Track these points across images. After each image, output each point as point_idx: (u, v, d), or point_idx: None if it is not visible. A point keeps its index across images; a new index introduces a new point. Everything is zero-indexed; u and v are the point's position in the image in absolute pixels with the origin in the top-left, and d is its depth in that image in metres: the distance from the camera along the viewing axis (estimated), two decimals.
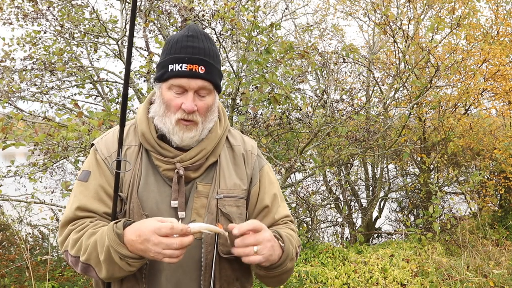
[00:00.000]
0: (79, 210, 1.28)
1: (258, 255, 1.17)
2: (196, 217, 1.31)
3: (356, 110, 4.86)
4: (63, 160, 4.70)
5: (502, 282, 4.15)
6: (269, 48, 3.86)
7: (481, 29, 6.80)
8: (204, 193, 1.34)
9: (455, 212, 7.02)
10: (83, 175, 1.33)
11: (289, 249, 1.28)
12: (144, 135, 1.34)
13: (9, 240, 4.96)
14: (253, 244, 1.17)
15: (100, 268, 1.20)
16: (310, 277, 4.33)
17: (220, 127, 1.40)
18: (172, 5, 4.39)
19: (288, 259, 1.28)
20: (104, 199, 1.30)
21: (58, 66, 4.69)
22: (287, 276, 1.34)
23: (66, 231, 1.28)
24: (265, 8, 7.13)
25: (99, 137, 1.42)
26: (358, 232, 6.52)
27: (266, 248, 1.19)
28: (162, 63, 1.31)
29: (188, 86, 1.27)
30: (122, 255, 1.15)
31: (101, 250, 1.18)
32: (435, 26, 5.41)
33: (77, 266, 1.24)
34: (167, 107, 1.29)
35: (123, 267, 1.17)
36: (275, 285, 1.39)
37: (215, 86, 1.33)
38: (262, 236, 1.19)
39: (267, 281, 1.35)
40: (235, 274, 1.36)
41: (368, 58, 6.90)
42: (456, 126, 6.87)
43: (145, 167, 1.34)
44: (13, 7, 5.26)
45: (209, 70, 1.29)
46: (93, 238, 1.21)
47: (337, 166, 7.25)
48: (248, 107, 4.08)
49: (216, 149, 1.38)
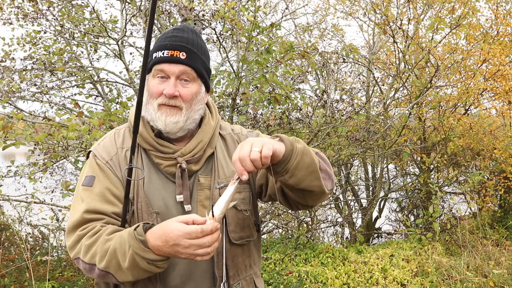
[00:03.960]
0: (87, 213, 1.26)
1: (265, 146, 1.13)
2: (201, 209, 1.32)
3: (356, 110, 4.86)
4: (63, 160, 4.70)
5: (502, 282, 4.15)
6: (269, 48, 3.86)
7: (481, 29, 6.80)
8: (206, 185, 1.36)
9: (455, 212, 7.03)
10: (87, 181, 1.32)
11: (287, 138, 1.22)
12: (141, 135, 1.34)
13: (9, 240, 4.96)
14: (249, 149, 1.13)
15: (122, 274, 1.18)
16: (310, 277, 4.33)
17: (212, 119, 1.43)
18: (172, 5, 4.39)
19: (295, 143, 1.21)
20: (111, 200, 1.30)
21: (58, 66, 4.69)
22: (316, 173, 1.23)
23: (75, 236, 1.25)
24: (265, 8, 7.14)
25: (96, 144, 1.41)
26: (358, 232, 6.52)
27: (262, 141, 1.15)
28: (151, 52, 1.35)
29: (169, 71, 1.30)
30: (151, 260, 1.14)
31: (123, 258, 1.16)
32: (435, 25, 5.41)
33: (92, 272, 1.22)
34: (150, 94, 1.32)
35: (150, 271, 1.17)
36: (316, 183, 1.25)
37: (198, 74, 1.34)
38: (248, 141, 1.17)
39: (301, 181, 1.22)
40: (247, 261, 1.37)
41: (368, 58, 6.90)
42: (456, 126, 6.87)
43: (147, 166, 1.34)
44: (13, 7, 5.26)
45: (190, 57, 1.31)
46: (111, 246, 1.18)
47: (337, 166, 7.25)
48: (248, 107, 4.08)
49: (212, 140, 1.40)
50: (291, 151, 1.19)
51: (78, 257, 1.23)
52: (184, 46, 1.31)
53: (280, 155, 1.18)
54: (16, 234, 4.84)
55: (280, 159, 1.18)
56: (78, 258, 1.23)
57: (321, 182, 1.26)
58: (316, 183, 1.25)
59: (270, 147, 1.14)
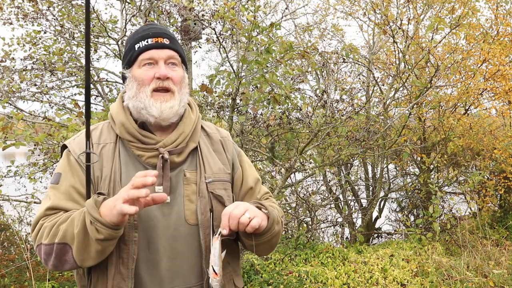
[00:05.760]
0: (50, 210, 1.27)
1: (255, 218, 1.21)
2: (188, 203, 1.33)
3: (356, 110, 4.86)
4: None
5: (502, 282, 4.15)
6: (269, 48, 3.86)
7: (481, 29, 6.80)
8: (193, 180, 1.36)
9: (455, 212, 7.02)
10: (55, 178, 1.32)
11: (273, 213, 1.32)
12: (123, 125, 1.34)
13: (9, 240, 4.96)
14: (242, 212, 1.21)
15: (77, 245, 1.17)
16: (310, 277, 4.33)
17: (192, 113, 1.44)
18: (172, 5, 4.39)
19: (275, 223, 1.32)
20: (76, 199, 1.29)
21: (58, 66, 4.69)
22: (276, 240, 1.39)
23: (38, 225, 1.26)
24: (265, 8, 7.14)
25: (70, 138, 1.41)
26: (358, 232, 6.52)
27: (255, 212, 1.24)
28: (128, 49, 1.37)
29: (158, 56, 1.33)
30: (94, 218, 1.13)
31: (77, 223, 1.17)
32: (435, 25, 5.41)
33: (51, 255, 1.21)
34: (140, 82, 1.32)
35: (92, 234, 1.15)
36: (267, 252, 1.44)
37: (182, 59, 1.38)
38: (243, 204, 1.25)
39: (259, 250, 1.38)
40: (227, 258, 1.37)
41: (368, 58, 6.90)
42: (456, 126, 6.87)
43: (124, 161, 1.33)
44: (13, 7, 5.26)
45: (173, 42, 1.37)
46: (70, 217, 1.20)
47: (337, 166, 7.25)
48: (248, 107, 4.08)
49: (194, 134, 1.41)
50: (269, 230, 1.30)
51: (40, 242, 1.23)
52: (165, 33, 1.36)
53: (260, 230, 1.27)
54: (16, 234, 4.83)
55: (258, 231, 1.27)
56: (40, 244, 1.23)
57: (269, 252, 1.44)
58: (265, 253, 1.45)
59: (259, 221, 1.23)
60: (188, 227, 1.32)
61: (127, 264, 1.25)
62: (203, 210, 1.33)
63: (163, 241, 1.29)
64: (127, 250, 1.25)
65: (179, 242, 1.30)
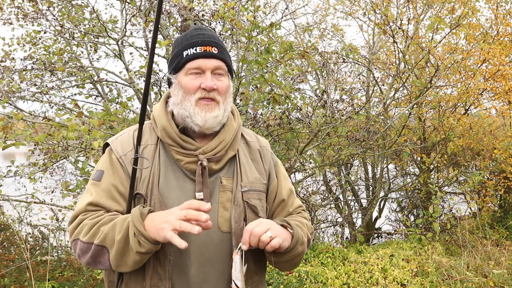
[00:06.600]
0: (91, 205, 1.28)
1: (276, 238, 1.20)
2: (222, 210, 1.33)
3: (356, 110, 4.86)
4: (63, 160, 4.70)
5: (502, 282, 4.15)
6: (269, 48, 3.86)
7: (481, 29, 6.80)
8: (229, 187, 1.36)
9: (455, 212, 7.03)
10: (97, 175, 1.33)
11: (298, 234, 1.31)
12: (165, 129, 1.34)
13: (9, 240, 4.96)
14: (264, 231, 1.20)
15: (115, 252, 1.19)
16: (310, 277, 4.33)
17: (234, 120, 1.43)
18: (172, 5, 4.39)
19: (298, 243, 1.31)
20: (116, 198, 1.30)
21: (58, 66, 4.68)
22: (299, 259, 1.38)
23: (78, 220, 1.27)
24: (265, 8, 7.13)
25: (113, 137, 1.42)
26: (358, 232, 6.52)
27: (277, 231, 1.23)
28: (175, 54, 1.35)
29: (205, 66, 1.31)
30: (138, 231, 1.15)
31: (120, 229, 1.18)
32: (435, 25, 5.41)
33: (87, 253, 1.22)
34: (186, 90, 1.32)
35: (133, 246, 1.16)
36: (289, 269, 1.43)
37: (229, 69, 1.37)
38: (267, 222, 1.24)
39: (281, 266, 1.38)
40: (255, 268, 1.37)
41: (368, 58, 6.89)
42: (456, 126, 6.87)
43: (164, 164, 1.34)
44: (13, 7, 5.25)
45: (221, 51, 1.35)
46: (113, 222, 1.21)
47: (337, 166, 7.24)
48: (248, 107, 4.08)
49: (234, 142, 1.39)
50: (291, 250, 1.29)
51: (77, 238, 1.24)
52: (214, 42, 1.34)
53: (282, 249, 1.25)
54: (16, 234, 4.83)
55: (279, 251, 1.26)
56: (77, 240, 1.24)
57: (291, 269, 1.44)
58: (286, 270, 1.44)
59: (280, 241, 1.21)
60: (220, 234, 1.31)
61: (164, 265, 1.26)
62: (237, 219, 1.33)
63: (194, 247, 1.28)
64: (163, 252, 1.26)
65: (210, 249, 1.30)
